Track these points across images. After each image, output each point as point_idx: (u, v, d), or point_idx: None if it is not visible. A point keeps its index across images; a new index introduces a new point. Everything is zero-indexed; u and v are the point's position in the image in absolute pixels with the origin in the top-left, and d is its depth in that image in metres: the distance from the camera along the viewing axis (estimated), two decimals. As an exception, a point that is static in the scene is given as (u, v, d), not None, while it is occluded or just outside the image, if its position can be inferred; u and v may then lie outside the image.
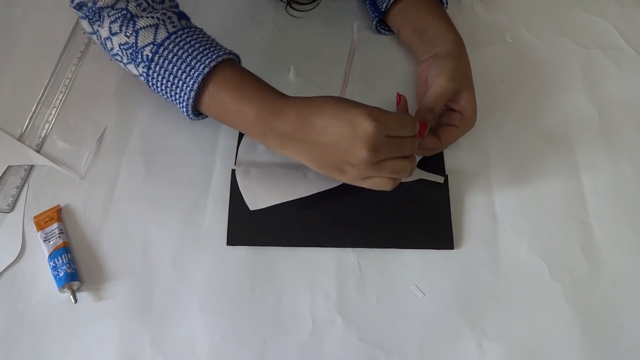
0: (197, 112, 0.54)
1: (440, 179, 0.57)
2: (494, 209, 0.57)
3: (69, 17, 0.71)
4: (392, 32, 0.69)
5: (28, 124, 0.62)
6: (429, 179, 0.57)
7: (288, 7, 0.72)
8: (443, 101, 0.55)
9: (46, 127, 0.62)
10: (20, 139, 0.61)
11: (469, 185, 0.58)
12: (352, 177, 0.48)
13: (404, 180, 0.54)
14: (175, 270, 0.53)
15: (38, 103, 0.64)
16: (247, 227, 0.55)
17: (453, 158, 0.60)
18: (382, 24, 0.69)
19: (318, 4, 0.73)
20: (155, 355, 0.49)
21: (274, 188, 0.55)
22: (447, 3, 0.67)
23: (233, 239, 0.55)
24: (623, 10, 0.74)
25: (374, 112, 0.46)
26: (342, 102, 0.47)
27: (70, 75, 0.66)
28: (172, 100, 0.54)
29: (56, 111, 0.63)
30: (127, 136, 0.61)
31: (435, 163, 0.58)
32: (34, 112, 0.63)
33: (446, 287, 0.52)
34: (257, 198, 0.55)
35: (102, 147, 0.61)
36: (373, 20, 0.68)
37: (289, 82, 0.66)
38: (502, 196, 0.58)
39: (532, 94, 0.66)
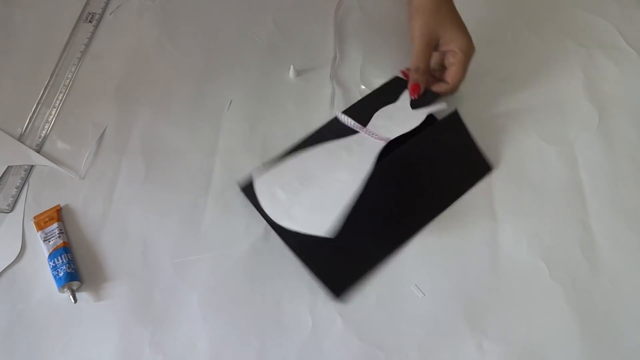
0: None
1: (442, 106, 0.56)
2: (494, 209, 0.57)
3: (69, 17, 0.71)
4: None
5: (28, 124, 0.62)
6: (433, 111, 0.56)
7: None
8: (425, 57, 0.55)
9: (46, 127, 0.62)
10: (20, 139, 0.61)
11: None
12: None
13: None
14: (175, 270, 0.53)
15: (38, 103, 0.64)
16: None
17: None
18: None
19: (318, 4, 0.73)
20: (155, 356, 0.49)
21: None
22: None
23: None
24: (623, 10, 0.73)
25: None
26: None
27: (70, 75, 0.66)
28: None
29: (56, 111, 0.63)
30: (127, 136, 0.61)
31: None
32: (34, 112, 0.63)
33: (446, 287, 0.52)
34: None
35: (102, 147, 0.61)
36: None
37: (288, 82, 0.66)
38: (502, 196, 0.58)
39: (532, 94, 0.66)
